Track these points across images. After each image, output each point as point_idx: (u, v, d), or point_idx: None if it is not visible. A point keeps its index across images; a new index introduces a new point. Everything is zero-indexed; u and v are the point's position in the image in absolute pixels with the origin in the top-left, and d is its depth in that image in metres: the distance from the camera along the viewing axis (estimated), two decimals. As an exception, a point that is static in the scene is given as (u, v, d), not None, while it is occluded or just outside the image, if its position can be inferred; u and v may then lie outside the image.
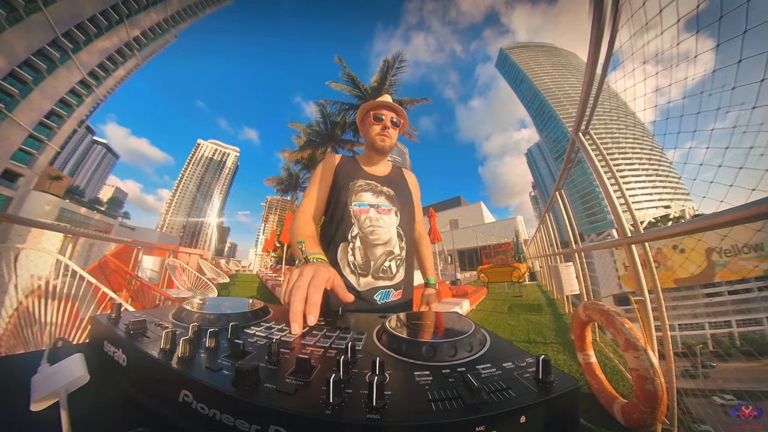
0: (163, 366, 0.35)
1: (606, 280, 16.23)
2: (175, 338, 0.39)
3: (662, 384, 1.09)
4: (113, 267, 2.82)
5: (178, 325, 0.51)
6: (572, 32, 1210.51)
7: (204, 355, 0.38)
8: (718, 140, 0.99)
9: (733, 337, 35.63)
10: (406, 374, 0.33)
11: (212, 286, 4.61)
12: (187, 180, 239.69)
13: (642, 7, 0.93)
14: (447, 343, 0.38)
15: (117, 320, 0.51)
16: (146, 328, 0.46)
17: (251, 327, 0.52)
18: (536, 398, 0.28)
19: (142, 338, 0.43)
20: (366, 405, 0.27)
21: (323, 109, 19.37)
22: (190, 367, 0.34)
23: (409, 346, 0.39)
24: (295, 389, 0.29)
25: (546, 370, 0.30)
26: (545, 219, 6.02)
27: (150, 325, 0.48)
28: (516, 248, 14.38)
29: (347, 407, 0.27)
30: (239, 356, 0.37)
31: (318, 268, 0.58)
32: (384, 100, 1.16)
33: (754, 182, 0.80)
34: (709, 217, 0.92)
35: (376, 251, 1.02)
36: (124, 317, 0.52)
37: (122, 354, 0.41)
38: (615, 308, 1.53)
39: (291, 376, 0.32)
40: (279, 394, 0.29)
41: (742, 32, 0.67)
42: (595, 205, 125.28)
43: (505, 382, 0.31)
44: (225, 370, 0.33)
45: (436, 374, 0.33)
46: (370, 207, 1.06)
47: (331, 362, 0.37)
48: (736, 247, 32.42)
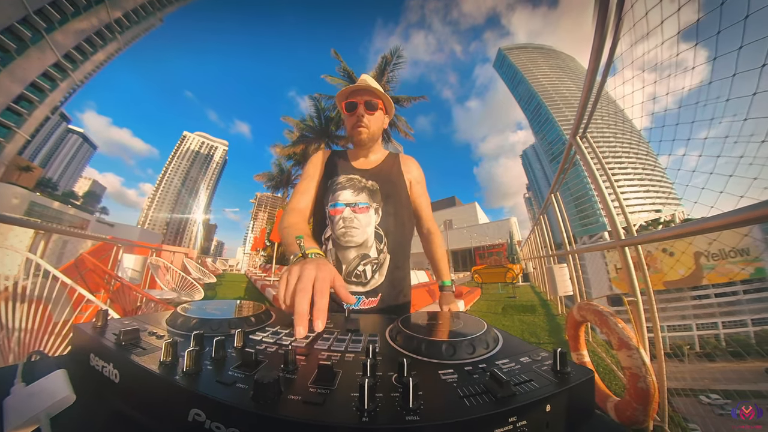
0: (167, 382, 0.32)
1: (597, 282, 16.70)
2: (177, 349, 0.36)
3: (654, 382, 1.15)
4: (90, 266, 2.68)
5: (174, 333, 0.47)
6: (572, 36, 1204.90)
7: (211, 367, 0.35)
8: (711, 148, 1.06)
9: (719, 338, 37.32)
10: (431, 374, 0.34)
11: (198, 287, 4.46)
12: (172, 174, 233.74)
13: (644, 17, 0.99)
14: (466, 341, 0.40)
15: (103, 329, 0.46)
16: (139, 337, 0.42)
17: (256, 333, 0.50)
18: (557, 388, 0.30)
19: (136, 349, 0.39)
20: (401, 407, 0.27)
21: (318, 104, 19.17)
22: (198, 381, 0.31)
23: (429, 346, 0.40)
24: (323, 399, 0.28)
25: (563, 361, 0.33)
26: (540, 221, 6.16)
27: (143, 335, 0.44)
28: (510, 249, 14.62)
29: (383, 412, 0.26)
30: (251, 366, 0.35)
31: (319, 267, 0.54)
32: (357, 84, 1.05)
33: (743, 189, 0.87)
34: (700, 222, 0.98)
35: (349, 254, 0.97)
36: (112, 325, 0.48)
37: (113, 369, 0.37)
38: (609, 309, 1.61)
39: (314, 384, 0.31)
40: (307, 405, 0.27)
41: (737, 48, 0.73)
42: (588, 208, 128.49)
43: (526, 375, 0.33)
44: (239, 383, 0.31)
45: (460, 372, 0.34)
46: (346, 206, 1.00)
47: (351, 366, 0.36)
48: (723, 251, 33.91)
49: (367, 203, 1.02)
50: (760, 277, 38.74)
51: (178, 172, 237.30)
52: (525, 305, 5.75)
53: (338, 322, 0.62)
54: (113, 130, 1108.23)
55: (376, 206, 1.03)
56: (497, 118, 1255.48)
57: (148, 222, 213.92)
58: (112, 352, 0.39)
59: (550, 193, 4.26)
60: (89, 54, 47.55)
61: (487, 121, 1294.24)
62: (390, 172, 1.11)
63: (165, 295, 3.65)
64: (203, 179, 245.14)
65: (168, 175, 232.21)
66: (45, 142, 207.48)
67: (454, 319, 0.55)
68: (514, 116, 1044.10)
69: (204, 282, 7.28)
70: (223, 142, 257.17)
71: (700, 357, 5.22)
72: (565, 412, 0.30)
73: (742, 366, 23.89)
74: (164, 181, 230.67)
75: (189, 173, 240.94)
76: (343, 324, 0.57)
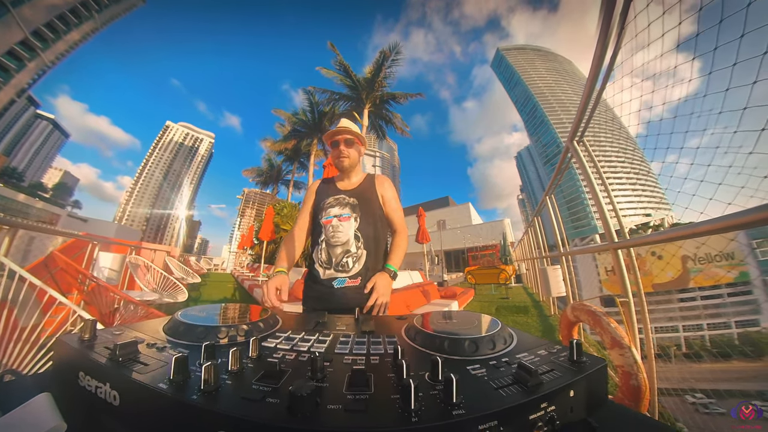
0: (183, 403, 0.27)
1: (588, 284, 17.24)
2: (188, 364, 0.32)
3: (645, 379, 1.23)
4: (62, 265, 2.51)
5: (177, 344, 0.42)
6: (570, 40, 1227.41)
7: (230, 381, 0.31)
8: (702, 156, 1.15)
9: (704, 339, 39.18)
10: (461, 369, 0.36)
11: (182, 287, 4.28)
12: (153, 166, 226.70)
13: (647, 28, 1.07)
14: (486, 338, 0.43)
15: (92, 342, 0.41)
16: (137, 350, 0.37)
17: (267, 339, 0.47)
18: (577, 375, 0.34)
19: (136, 365, 0.34)
20: (445, 403, 0.28)
21: (311, 97, 18.88)
22: (220, 400, 0.28)
23: (452, 344, 0.42)
24: (364, 405, 0.28)
25: (579, 352, 0.37)
26: (534, 223, 6.32)
27: (141, 347, 0.39)
28: (503, 250, 14.91)
29: (429, 410, 0.27)
30: (276, 377, 0.32)
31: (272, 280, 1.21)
32: (338, 128, 1.46)
33: (731, 197, 0.95)
34: (691, 227, 1.06)
35: (336, 250, 1.36)
36: (102, 338, 0.43)
37: (111, 389, 0.32)
38: (602, 309, 1.70)
39: (350, 391, 0.30)
40: (349, 413, 0.26)
41: (731, 64, 0.80)
42: (580, 211, 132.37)
43: (546, 365, 0.36)
44: (269, 398, 0.28)
45: (486, 366, 0.37)
46: (334, 217, 1.40)
47: (379, 369, 0.36)
48: (709, 255, 35.54)
49: (348, 214, 1.40)
50: (743, 280, 40.85)
51: (160, 164, 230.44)
52: (518, 306, 5.90)
53: (350, 324, 0.62)
54: (89, 118, 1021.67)
55: (356, 216, 1.41)
56: (493, 120, 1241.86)
57: (126, 217, 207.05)
58: (108, 369, 0.33)
59: (545, 195, 4.38)
60: (62, 32, 44.53)
61: (484, 122, 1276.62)
62: (366, 190, 1.49)
63: (145, 296, 3.53)
64: (187, 173, 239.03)
65: (149, 167, 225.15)
66: (9, 127, 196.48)
67: (468, 317, 0.58)
68: (510, 118, 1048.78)
69: (188, 282, 6.99)
70: (209, 134, 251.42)
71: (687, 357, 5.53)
72: (585, 397, 0.34)
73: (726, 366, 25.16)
74: (144, 173, 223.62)
75: (172, 166, 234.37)
76: (357, 326, 0.56)
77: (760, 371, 30.06)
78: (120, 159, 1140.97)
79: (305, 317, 0.68)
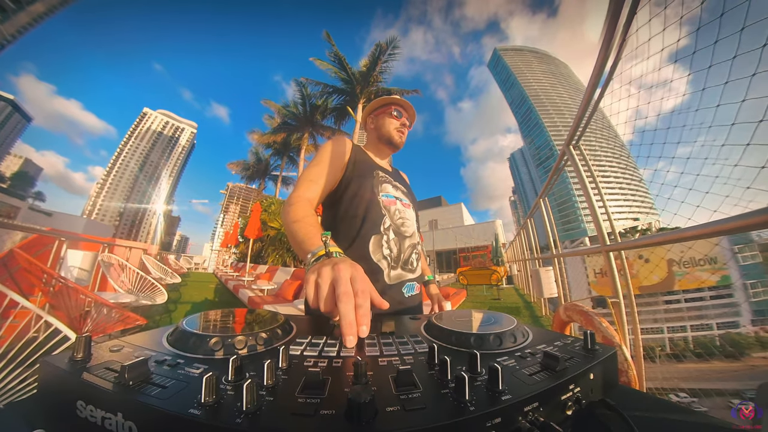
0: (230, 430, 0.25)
1: (577, 286, 17.89)
2: (218, 383, 0.29)
3: (635, 376, 1.33)
4: (24, 263, 2.33)
5: (192, 359, 0.38)
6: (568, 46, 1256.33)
7: (270, 397, 0.29)
8: (690, 165, 1.26)
9: (687, 341, 41.32)
10: (492, 361, 0.37)
11: (160, 288, 4.07)
12: (128, 156, 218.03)
13: (647, 42, 1.16)
14: (508, 332, 0.48)
15: (86, 362, 0.36)
16: (150, 371, 0.33)
17: (290, 347, 0.44)
18: (594, 360, 0.40)
19: (152, 389, 0.30)
20: (492, 391, 0.31)
21: (303, 89, 18.48)
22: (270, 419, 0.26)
23: (477, 339, 0.46)
24: (423, 403, 0.29)
25: (592, 341, 0.44)
26: (527, 224, 6.52)
27: (150, 365, 0.35)
28: (495, 252, 15.21)
29: (481, 399, 0.29)
30: (320, 387, 0.31)
31: (355, 268, 0.54)
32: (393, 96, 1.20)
33: (716, 204, 1.06)
34: (679, 231, 1.16)
35: (405, 243, 1.05)
36: (97, 355, 0.38)
37: (125, 421, 0.28)
38: (593, 309, 1.81)
39: (401, 391, 0.31)
40: (410, 413, 0.27)
41: (723, 83, 0.90)
42: (571, 214, 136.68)
43: (566, 353, 0.42)
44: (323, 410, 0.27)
45: (514, 357, 0.41)
46: (396, 199, 1.09)
47: (417, 367, 0.37)
48: (693, 259, 37.42)
49: (407, 200, 1.15)
50: (725, 284, 43.30)
51: (136, 154, 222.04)
52: (510, 307, 6.08)
53: None
54: (57, 101, 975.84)
55: (412, 205, 1.17)
56: (488, 122, 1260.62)
57: (97, 211, 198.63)
58: (118, 396, 0.29)
59: (539, 197, 4.54)
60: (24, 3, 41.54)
61: (478, 124, 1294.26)
62: (403, 180, 1.26)
63: (120, 298, 3.38)
64: (166, 164, 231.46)
65: (123, 157, 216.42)
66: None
67: (483, 315, 0.63)
68: (504, 120, 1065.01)
69: (167, 282, 6.79)
70: (191, 123, 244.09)
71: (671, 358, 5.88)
72: (601, 380, 0.40)
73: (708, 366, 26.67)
74: (119, 164, 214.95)
75: (149, 157, 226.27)
76: (377, 328, 0.57)
77: (737, 372, 32.04)
78: (92, 148, 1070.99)
79: (314, 320, 0.65)
